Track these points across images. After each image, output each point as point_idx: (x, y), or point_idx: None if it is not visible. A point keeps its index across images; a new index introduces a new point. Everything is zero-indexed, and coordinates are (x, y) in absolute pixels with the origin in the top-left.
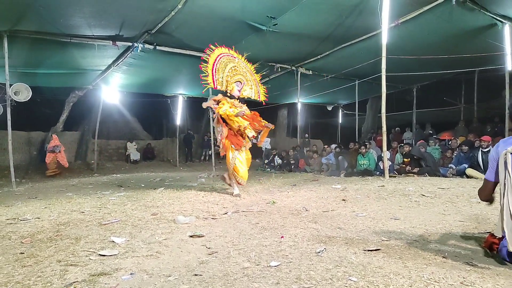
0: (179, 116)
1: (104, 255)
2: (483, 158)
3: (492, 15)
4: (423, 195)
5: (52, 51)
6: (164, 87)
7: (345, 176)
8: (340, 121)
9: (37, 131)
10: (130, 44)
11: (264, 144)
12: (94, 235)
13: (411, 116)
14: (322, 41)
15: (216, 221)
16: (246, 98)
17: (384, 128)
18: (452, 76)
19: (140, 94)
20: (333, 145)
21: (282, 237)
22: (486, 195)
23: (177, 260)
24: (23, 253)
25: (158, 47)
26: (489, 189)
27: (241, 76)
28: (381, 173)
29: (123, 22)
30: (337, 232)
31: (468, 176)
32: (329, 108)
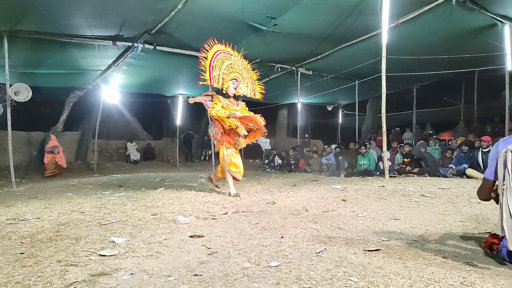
0: (179, 116)
1: (104, 255)
2: (483, 158)
3: (492, 15)
4: (423, 195)
5: (52, 51)
6: (164, 87)
7: (345, 176)
8: (340, 121)
9: (37, 131)
10: (130, 44)
11: (264, 144)
12: (94, 235)
13: (411, 116)
14: (322, 41)
15: (216, 221)
16: (242, 96)
17: (384, 128)
18: (452, 76)
19: (140, 94)
20: (333, 145)
21: (282, 237)
22: (485, 194)
23: (177, 260)
24: (23, 253)
25: (158, 47)
26: (488, 188)
27: (237, 74)
28: (381, 173)
29: (123, 22)
30: (337, 232)
31: (468, 176)
32: (329, 108)
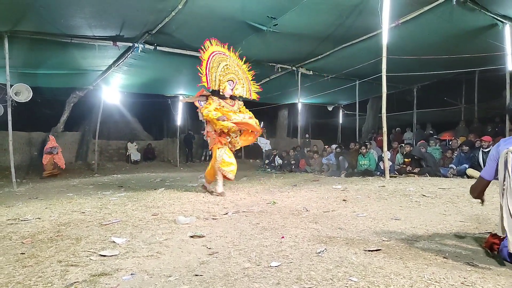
0: (179, 117)
1: (105, 256)
2: (483, 158)
3: (492, 15)
4: (423, 196)
5: (53, 51)
6: (165, 88)
7: (345, 177)
8: (340, 121)
9: (37, 132)
10: (131, 44)
11: (264, 146)
12: (94, 236)
13: (412, 116)
14: (322, 41)
15: (217, 222)
16: (238, 96)
17: (385, 128)
18: (452, 76)
19: (140, 95)
20: (334, 145)
21: (282, 237)
22: (478, 193)
23: (178, 260)
24: (24, 253)
25: (158, 48)
26: (482, 187)
27: (233, 74)
28: (381, 173)
29: (124, 22)
30: (338, 232)
31: (469, 176)
32: (330, 108)
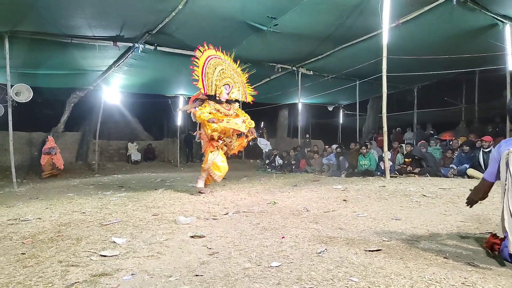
0: (179, 117)
1: (105, 256)
2: (484, 158)
3: (493, 15)
4: (424, 196)
5: (53, 51)
6: (165, 88)
7: (346, 177)
8: (341, 122)
9: (38, 132)
10: (131, 44)
11: (265, 147)
12: (95, 236)
13: (412, 116)
14: (322, 41)
15: (217, 222)
16: (234, 100)
17: (385, 128)
18: (453, 76)
19: (141, 95)
20: (334, 146)
21: (283, 237)
22: (482, 194)
23: (178, 260)
24: (24, 253)
25: (158, 48)
26: (485, 189)
27: (229, 79)
28: (382, 173)
29: (124, 22)
30: (338, 232)
31: (469, 177)
32: (330, 108)
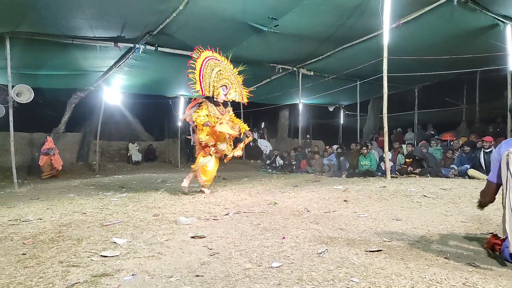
0: (180, 117)
1: (106, 256)
2: (485, 159)
3: (493, 16)
4: (425, 196)
5: (54, 52)
6: (166, 88)
7: (346, 177)
8: (341, 122)
9: (39, 133)
10: (132, 45)
11: (265, 148)
12: (96, 236)
13: (413, 117)
14: (323, 42)
15: (218, 222)
16: (231, 100)
17: (386, 129)
18: (454, 76)
19: (141, 95)
20: (335, 146)
21: (283, 238)
22: (489, 197)
23: (179, 261)
24: (25, 254)
25: (159, 48)
26: (492, 191)
27: (227, 80)
28: (382, 173)
29: (125, 23)
30: (339, 233)
31: (470, 177)
32: (331, 108)
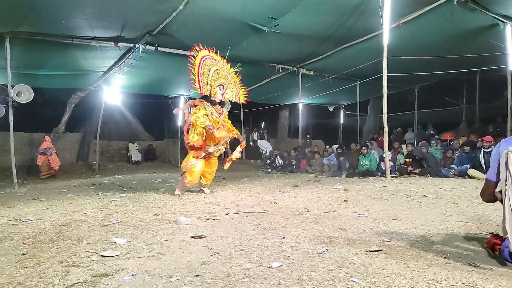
0: (180, 117)
1: (106, 256)
2: (485, 159)
3: (493, 15)
4: (425, 196)
5: (54, 52)
6: (166, 88)
7: (346, 177)
8: (341, 122)
9: (39, 132)
10: (132, 45)
11: (266, 149)
12: (96, 236)
13: (413, 117)
14: (323, 41)
15: (218, 222)
16: (228, 100)
17: (386, 129)
18: (453, 76)
19: (141, 95)
20: (335, 146)
21: (283, 238)
22: (488, 195)
23: (179, 261)
24: (25, 254)
25: (159, 48)
26: (490, 189)
27: (224, 79)
28: (382, 173)
29: (125, 23)
30: (339, 232)
31: (470, 177)
32: (331, 108)
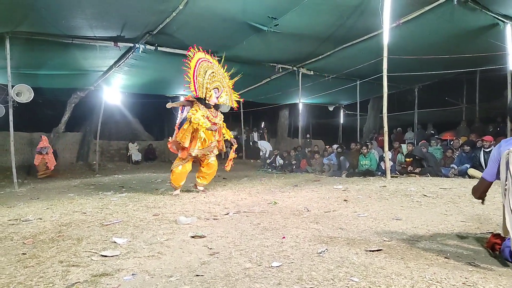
0: (180, 117)
1: (106, 256)
2: (485, 158)
3: (493, 15)
4: (425, 196)
5: (54, 52)
6: (166, 88)
7: (346, 177)
8: (341, 122)
9: (39, 132)
10: (132, 45)
11: (264, 150)
12: (96, 236)
13: (413, 116)
14: (323, 41)
15: (218, 222)
16: (222, 104)
17: (386, 128)
18: (453, 76)
19: (141, 95)
20: (335, 146)
21: (283, 237)
22: (480, 193)
23: (179, 260)
24: (25, 253)
25: (159, 48)
26: (484, 188)
27: (219, 82)
28: (382, 173)
29: (125, 23)
30: (339, 232)
31: (470, 176)
32: (331, 108)
